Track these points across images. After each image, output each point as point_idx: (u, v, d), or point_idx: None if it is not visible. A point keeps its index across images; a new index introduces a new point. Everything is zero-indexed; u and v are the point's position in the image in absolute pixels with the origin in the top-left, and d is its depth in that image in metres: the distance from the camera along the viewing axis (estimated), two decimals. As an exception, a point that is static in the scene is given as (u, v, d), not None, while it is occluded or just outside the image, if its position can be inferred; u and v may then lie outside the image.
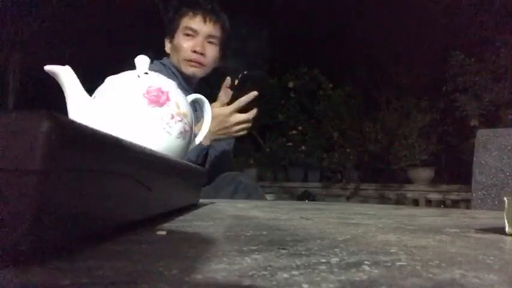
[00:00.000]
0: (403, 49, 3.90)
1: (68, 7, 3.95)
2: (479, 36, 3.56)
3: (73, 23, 3.96)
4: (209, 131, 1.00)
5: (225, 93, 1.02)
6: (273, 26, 4.68)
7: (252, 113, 1.02)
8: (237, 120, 1.00)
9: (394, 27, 3.80)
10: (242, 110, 1.00)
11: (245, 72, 0.98)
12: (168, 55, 1.22)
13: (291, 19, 4.56)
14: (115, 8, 4.07)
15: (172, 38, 1.18)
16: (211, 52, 1.17)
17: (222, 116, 0.99)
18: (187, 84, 1.17)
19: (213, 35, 1.17)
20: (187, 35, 1.15)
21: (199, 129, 0.98)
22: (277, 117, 4.52)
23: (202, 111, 0.75)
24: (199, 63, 1.15)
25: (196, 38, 1.15)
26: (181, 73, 1.17)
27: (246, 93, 0.99)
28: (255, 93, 0.99)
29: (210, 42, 1.17)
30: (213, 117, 0.99)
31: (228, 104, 1.00)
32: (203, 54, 1.15)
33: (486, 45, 3.52)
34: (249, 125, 1.04)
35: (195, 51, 1.14)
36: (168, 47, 1.22)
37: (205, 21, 1.15)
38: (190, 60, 1.15)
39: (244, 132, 1.04)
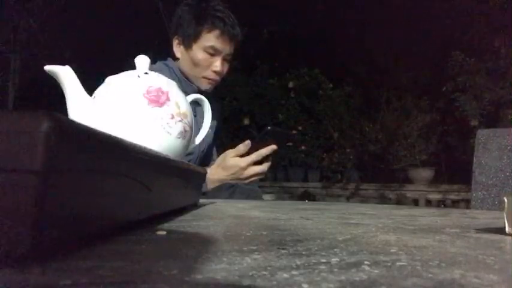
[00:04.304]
0: (403, 49, 3.90)
1: (68, 7, 3.95)
2: (479, 36, 3.56)
3: (73, 23, 3.96)
4: (218, 178, 1.02)
5: (244, 144, 1.02)
6: (273, 26, 4.68)
7: (267, 165, 1.04)
8: (252, 173, 1.02)
9: (394, 27, 3.80)
10: (257, 160, 1.02)
11: (269, 128, 1.00)
12: (172, 54, 1.18)
13: (291, 19, 4.56)
14: (115, 8, 4.07)
15: (188, 47, 1.12)
16: (226, 69, 1.17)
17: (238, 168, 1.01)
18: (189, 90, 1.15)
19: (231, 53, 1.15)
20: (210, 53, 1.11)
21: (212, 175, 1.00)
22: (277, 117, 4.52)
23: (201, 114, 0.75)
24: (216, 81, 1.16)
25: (216, 57, 1.12)
26: (187, 78, 1.15)
27: (265, 146, 1.00)
28: (273, 147, 1.01)
29: (226, 60, 1.15)
30: (228, 167, 1.01)
31: (245, 154, 1.01)
32: (221, 73, 1.15)
33: (486, 45, 3.52)
34: (262, 176, 1.06)
35: (215, 71, 1.13)
36: (178, 50, 1.16)
37: (230, 42, 1.13)
38: (209, 78, 1.14)
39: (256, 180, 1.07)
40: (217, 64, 1.12)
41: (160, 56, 1.20)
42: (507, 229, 0.34)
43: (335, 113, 4.33)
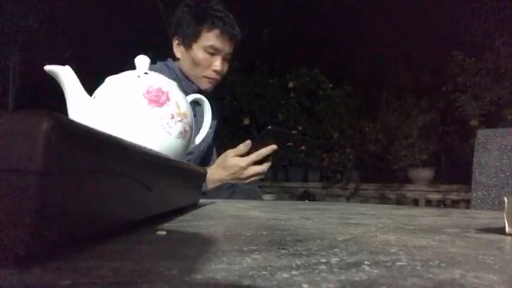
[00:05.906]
0: (403, 49, 3.90)
1: (68, 7, 3.95)
2: (479, 36, 3.56)
3: (73, 22, 3.96)
4: (218, 178, 1.03)
5: (244, 144, 1.03)
6: (273, 26, 4.68)
7: (267, 165, 1.04)
8: (252, 173, 1.03)
9: (394, 27, 3.81)
10: (257, 160, 1.02)
11: (269, 127, 1.00)
12: (172, 54, 1.18)
13: (291, 19, 4.56)
14: (115, 7, 4.07)
15: (188, 47, 1.13)
16: (226, 68, 1.17)
17: (238, 167, 1.01)
18: (189, 90, 1.15)
19: (230, 53, 1.16)
20: (210, 53, 1.12)
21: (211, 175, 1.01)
22: (277, 117, 4.52)
23: (201, 115, 0.74)
24: (216, 80, 1.16)
25: (216, 56, 1.13)
26: (187, 78, 1.15)
27: (265, 146, 1.00)
28: (273, 147, 1.01)
29: (226, 59, 1.16)
30: (228, 167, 1.02)
31: (245, 154, 1.02)
32: (221, 73, 1.16)
33: (486, 45, 3.52)
34: (262, 176, 1.07)
35: (215, 71, 1.13)
36: (178, 51, 1.16)
37: (230, 42, 1.13)
38: (209, 78, 1.14)
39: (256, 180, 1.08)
40: (218, 63, 1.12)
41: (160, 56, 1.21)
42: (507, 229, 0.34)
43: (335, 113, 4.33)
